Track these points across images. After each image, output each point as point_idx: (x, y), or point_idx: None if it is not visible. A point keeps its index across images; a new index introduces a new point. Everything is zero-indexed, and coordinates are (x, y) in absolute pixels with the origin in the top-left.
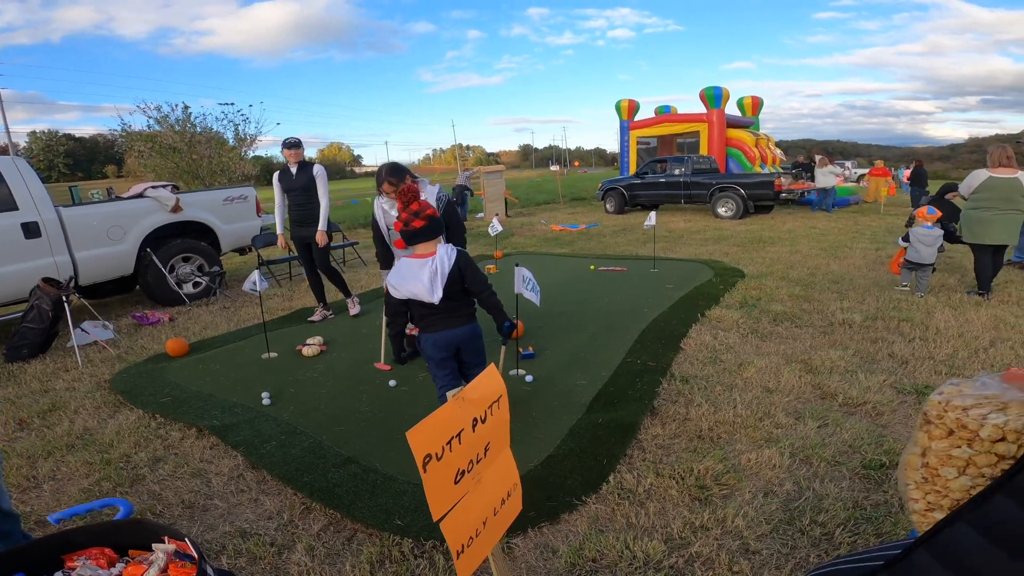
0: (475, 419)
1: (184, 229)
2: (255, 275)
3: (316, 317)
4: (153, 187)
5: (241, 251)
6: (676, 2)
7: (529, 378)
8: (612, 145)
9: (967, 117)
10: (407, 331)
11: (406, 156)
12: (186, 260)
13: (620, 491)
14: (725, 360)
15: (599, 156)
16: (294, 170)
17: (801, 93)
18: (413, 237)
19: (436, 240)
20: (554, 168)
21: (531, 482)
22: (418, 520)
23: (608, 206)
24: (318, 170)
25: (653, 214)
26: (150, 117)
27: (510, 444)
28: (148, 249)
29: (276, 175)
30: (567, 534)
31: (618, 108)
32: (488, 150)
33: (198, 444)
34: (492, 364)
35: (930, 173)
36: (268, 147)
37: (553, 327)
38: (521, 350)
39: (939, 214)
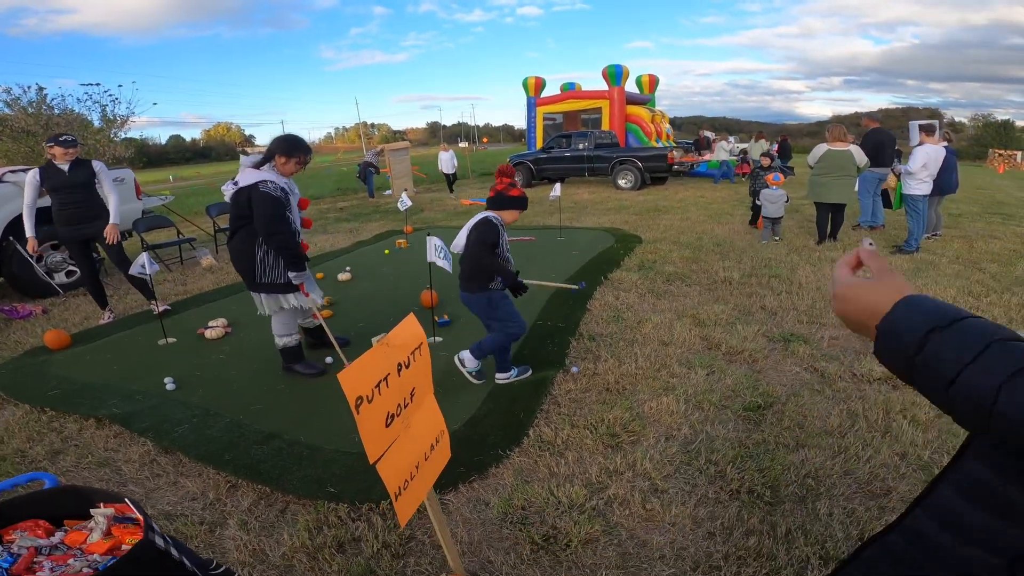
0: (399, 364)
1: None
2: (143, 258)
3: (104, 320)
4: (12, 171)
5: (122, 236)
6: None
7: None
8: (520, 122)
9: (832, 96)
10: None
11: (306, 135)
12: (56, 248)
13: (540, 443)
14: (626, 318)
15: (507, 132)
16: (65, 167)
17: (693, 72)
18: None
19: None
20: (463, 145)
21: (458, 443)
22: (351, 486)
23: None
24: (100, 166)
25: (558, 186)
26: None
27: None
28: (11, 238)
29: (34, 173)
30: (496, 487)
31: (525, 85)
32: (394, 128)
33: (100, 434)
34: (411, 314)
35: (798, 147)
36: (143, 128)
37: None
38: (437, 318)
39: (783, 180)
